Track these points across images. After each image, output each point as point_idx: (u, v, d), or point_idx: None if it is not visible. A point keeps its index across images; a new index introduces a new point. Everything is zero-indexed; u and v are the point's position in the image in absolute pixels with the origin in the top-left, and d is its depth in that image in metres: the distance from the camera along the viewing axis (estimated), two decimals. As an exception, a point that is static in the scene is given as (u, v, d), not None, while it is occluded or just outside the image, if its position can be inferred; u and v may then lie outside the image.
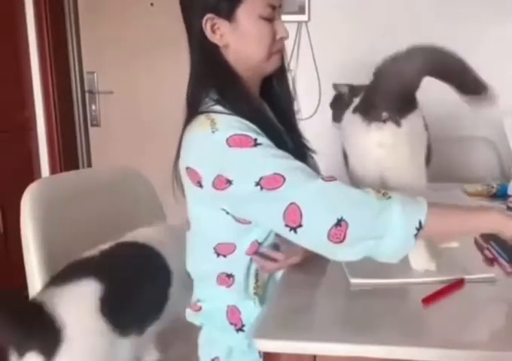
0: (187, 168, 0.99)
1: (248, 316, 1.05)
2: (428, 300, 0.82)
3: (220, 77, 1.03)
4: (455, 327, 0.77)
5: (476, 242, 1.10)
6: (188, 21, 1.04)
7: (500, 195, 1.57)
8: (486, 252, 1.03)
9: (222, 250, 1.05)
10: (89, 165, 3.05)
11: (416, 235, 0.83)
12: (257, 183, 0.89)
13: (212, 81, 1.03)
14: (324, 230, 0.85)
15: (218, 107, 0.99)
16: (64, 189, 1.29)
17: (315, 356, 0.74)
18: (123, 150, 2.93)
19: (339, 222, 0.84)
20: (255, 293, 1.07)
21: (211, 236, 1.06)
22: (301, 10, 2.30)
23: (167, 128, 2.90)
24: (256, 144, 0.92)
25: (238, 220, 1.00)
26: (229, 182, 0.92)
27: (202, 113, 0.99)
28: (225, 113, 0.98)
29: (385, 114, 0.90)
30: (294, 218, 0.87)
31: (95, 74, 2.97)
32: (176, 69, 2.86)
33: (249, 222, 1.00)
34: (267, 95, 1.13)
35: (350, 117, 0.96)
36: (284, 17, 1.10)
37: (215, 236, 1.05)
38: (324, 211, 0.86)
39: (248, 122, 0.97)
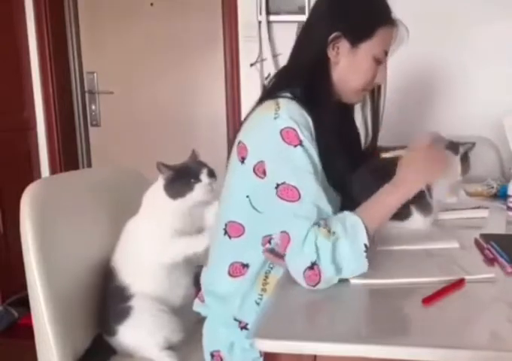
0: (239, 142, 1.05)
1: (253, 315, 1.06)
2: (428, 300, 0.82)
3: (314, 81, 1.08)
4: (455, 327, 0.77)
5: (476, 242, 1.10)
6: (315, 27, 1.12)
7: (500, 195, 1.57)
8: (486, 252, 1.03)
9: (230, 230, 1.08)
10: (89, 165, 3.05)
11: (366, 254, 0.89)
12: (277, 186, 0.94)
13: (304, 82, 1.08)
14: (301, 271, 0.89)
15: (289, 95, 1.04)
16: (64, 189, 1.29)
17: (315, 356, 0.74)
18: (123, 150, 2.93)
19: (313, 266, 0.87)
20: (263, 289, 1.07)
21: (226, 211, 1.10)
22: (301, 10, 2.29)
23: (167, 128, 2.93)
24: (300, 144, 0.96)
25: (254, 207, 1.04)
26: (265, 173, 0.98)
27: (273, 98, 1.04)
28: (292, 100, 1.02)
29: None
30: (284, 243, 0.92)
31: (95, 74, 2.96)
32: (176, 69, 2.87)
33: (261, 212, 1.04)
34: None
35: None
36: (284, 17, 1.11)
37: (229, 213, 1.09)
38: (298, 257, 0.90)
39: (310, 120, 1.00)
